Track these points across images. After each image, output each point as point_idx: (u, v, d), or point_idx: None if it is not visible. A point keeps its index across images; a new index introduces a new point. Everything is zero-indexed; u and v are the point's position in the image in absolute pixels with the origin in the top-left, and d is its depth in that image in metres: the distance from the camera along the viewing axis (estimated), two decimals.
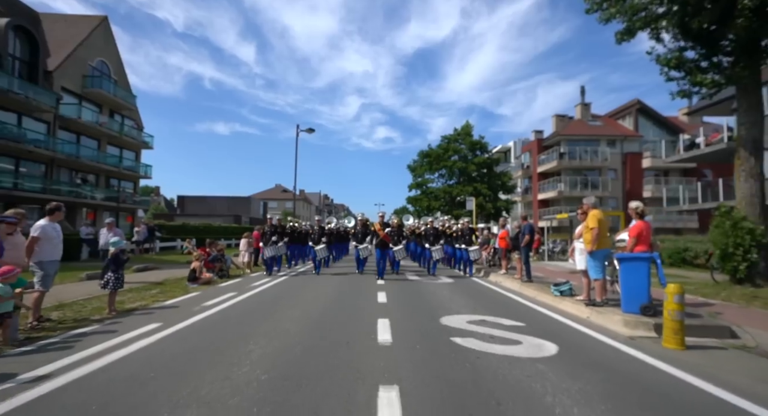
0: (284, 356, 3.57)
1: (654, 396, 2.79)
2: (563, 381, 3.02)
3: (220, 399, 2.62)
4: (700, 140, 18.07)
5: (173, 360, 3.45)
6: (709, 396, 2.81)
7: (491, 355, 3.63)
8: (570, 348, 3.92)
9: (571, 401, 2.64)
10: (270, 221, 10.93)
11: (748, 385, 3.01)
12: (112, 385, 2.87)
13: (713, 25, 7.43)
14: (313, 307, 6.02)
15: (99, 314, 5.48)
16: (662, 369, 3.36)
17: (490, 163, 30.86)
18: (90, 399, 2.60)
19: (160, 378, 2.99)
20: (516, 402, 2.60)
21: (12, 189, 18.54)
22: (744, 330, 4.66)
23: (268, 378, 3.02)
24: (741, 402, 2.68)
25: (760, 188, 7.88)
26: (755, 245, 7.55)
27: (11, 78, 18.20)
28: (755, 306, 6.17)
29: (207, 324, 4.91)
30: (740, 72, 7.29)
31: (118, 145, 26.52)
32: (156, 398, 2.62)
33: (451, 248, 11.68)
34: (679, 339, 3.98)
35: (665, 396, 2.81)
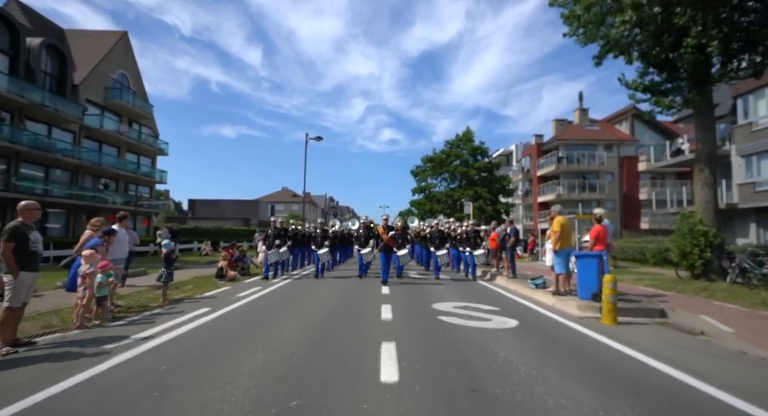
0: (313, 327, 4.84)
1: (576, 352, 3.98)
2: (512, 341, 4.24)
3: (273, 349, 3.88)
4: (684, 147, 19.18)
5: (231, 330, 4.73)
6: (618, 352, 3.97)
7: (466, 327, 4.86)
8: (528, 324, 5.14)
9: (513, 351, 3.86)
10: (273, 224, 10.62)
11: (652, 346, 4.18)
12: (195, 343, 4.15)
13: (671, 55, 8.62)
14: (327, 299, 7.29)
15: (155, 302, 6.76)
16: (590, 336, 4.56)
17: (490, 167, 31.99)
18: (185, 351, 3.87)
19: (225, 341, 4.26)
20: (474, 350, 3.84)
21: (43, 195, 20.05)
22: (673, 312, 5.83)
23: (303, 338, 4.29)
24: (642, 357, 3.77)
25: (713, 196, 9.02)
26: (709, 246, 8.69)
27: (43, 92, 19.75)
28: (700, 296, 7.31)
29: (246, 309, 6.19)
30: (693, 97, 8.47)
31: (136, 152, 28.07)
32: (228, 349, 3.89)
33: (456, 251, 11.50)
34: (613, 317, 5.17)
35: (584, 351, 4.00)
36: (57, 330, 4.74)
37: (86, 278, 4.92)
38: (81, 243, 5.64)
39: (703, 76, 8.31)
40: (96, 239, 5.60)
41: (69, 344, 4.15)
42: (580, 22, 9.24)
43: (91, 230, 5.88)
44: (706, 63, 8.09)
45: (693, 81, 8.40)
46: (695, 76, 8.26)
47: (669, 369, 3.41)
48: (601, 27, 9.20)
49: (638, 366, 3.55)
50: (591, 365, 3.52)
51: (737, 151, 15.88)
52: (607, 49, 9.36)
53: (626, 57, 9.32)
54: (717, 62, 8.60)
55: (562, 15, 9.48)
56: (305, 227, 12.95)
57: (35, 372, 3.25)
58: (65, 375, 3.12)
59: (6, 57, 18.45)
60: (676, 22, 7.60)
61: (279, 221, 11.04)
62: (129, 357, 3.65)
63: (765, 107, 14.77)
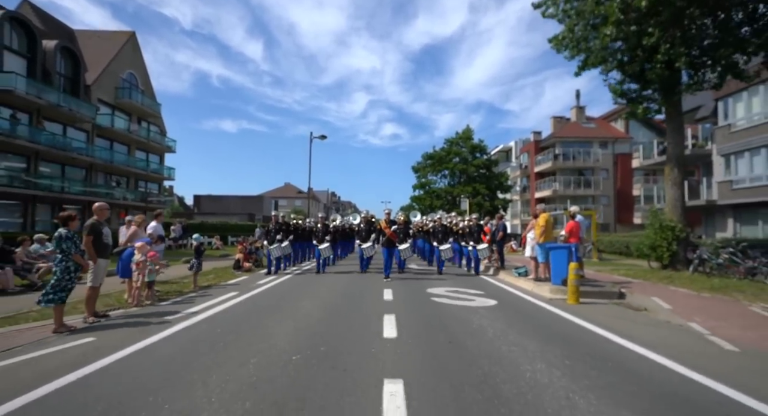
0: (328, 305, 5.90)
1: (536, 321, 5.03)
2: (488, 314, 5.30)
3: (299, 320, 4.94)
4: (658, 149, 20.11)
5: (261, 307, 5.80)
6: (570, 322, 5.03)
7: (452, 305, 5.92)
8: (505, 303, 6.20)
9: (486, 321, 4.92)
10: (275, 219, 10.56)
11: (603, 319, 5.20)
12: (236, 315, 5.22)
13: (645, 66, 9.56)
14: (335, 288, 8.35)
15: (187, 288, 7.82)
16: (552, 311, 5.62)
17: (488, 164, 32.90)
18: (230, 321, 4.94)
19: (259, 314, 5.33)
20: (456, 320, 4.90)
21: (60, 192, 21.11)
22: (631, 294, 6.89)
23: (322, 313, 5.36)
24: (584, 323, 4.87)
25: (681, 195, 10.03)
26: (675, 239, 9.73)
27: (59, 93, 20.67)
28: (661, 283, 8.35)
29: (269, 293, 7.26)
30: (659, 104, 9.43)
31: (145, 149, 29.05)
32: (264, 320, 4.96)
33: (458, 246, 11.38)
34: (576, 297, 6.23)
35: (543, 320, 5.05)
36: (119, 307, 5.81)
37: (140, 266, 5.98)
38: (129, 237, 6.68)
39: (672, 86, 9.26)
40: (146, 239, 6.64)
41: (135, 317, 5.22)
42: (564, 43, 10.20)
43: (135, 225, 6.92)
44: (674, 76, 9.03)
45: (663, 91, 9.36)
46: (665, 86, 9.21)
47: (602, 331, 4.47)
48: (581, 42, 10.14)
49: (578, 328, 4.62)
50: (544, 329, 4.58)
51: (718, 150, 16.82)
52: (588, 61, 10.30)
53: (604, 67, 10.27)
54: (685, 74, 9.55)
55: (549, 40, 10.47)
56: (306, 221, 12.94)
57: (123, 334, 4.31)
58: (146, 336, 4.18)
59: (24, 60, 19.35)
60: (646, 42, 8.54)
61: (281, 216, 10.99)
62: (188, 325, 4.71)
63: (743, 110, 15.67)
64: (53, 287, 4.42)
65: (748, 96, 15.35)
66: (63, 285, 4.50)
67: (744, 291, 6.90)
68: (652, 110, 10.04)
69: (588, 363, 3.38)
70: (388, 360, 3.37)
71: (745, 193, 15.50)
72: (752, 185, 15.18)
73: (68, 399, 2.61)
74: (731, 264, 8.72)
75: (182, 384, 2.85)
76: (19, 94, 17.88)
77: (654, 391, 2.81)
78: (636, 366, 3.38)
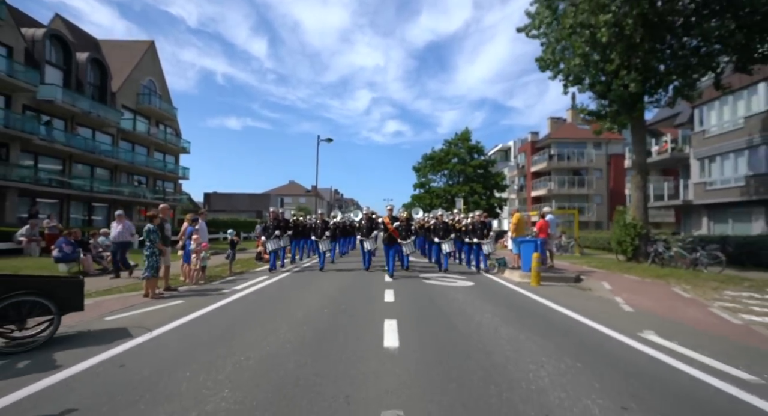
0: (343, 287, 7.60)
1: (503, 296, 6.66)
2: (465, 291, 6.96)
3: (323, 293, 6.64)
4: (654, 149, 21.54)
5: (291, 286, 7.50)
6: (528, 297, 6.64)
7: (439, 285, 7.59)
8: (480, 284, 7.85)
9: (463, 295, 6.58)
10: (273, 214, 10.34)
11: (552, 295, 6.82)
12: (273, 291, 6.93)
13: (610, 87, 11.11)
14: (344, 279, 10.05)
15: (225, 273, 9.53)
16: (516, 290, 7.26)
17: (485, 164, 34.38)
18: (271, 293, 6.64)
19: (292, 290, 7.04)
20: (439, 294, 6.57)
21: (90, 191, 22.99)
22: (586, 279, 8.50)
23: (338, 292, 7.06)
24: (540, 299, 6.44)
25: (643, 197, 11.58)
26: (638, 235, 11.30)
27: (90, 101, 22.51)
28: (619, 272, 9.93)
29: (293, 277, 8.96)
30: (624, 120, 10.99)
31: (162, 151, 30.89)
32: (297, 294, 6.67)
33: (460, 243, 11.20)
34: (537, 280, 7.86)
35: (508, 296, 6.69)
36: (182, 285, 7.54)
37: (196, 254, 7.70)
38: (183, 232, 8.40)
39: (633, 104, 10.80)
40: (191, 228, 8.36)
41: (199, 291, 6.94)
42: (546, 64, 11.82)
43: (187, 221, 8.64)
44: (634, 96, 10.57)
45: (624, 109, 10.90)
46: (625, 105, 10.76)
47: (547, 301, 6.12)
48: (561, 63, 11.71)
49: (529, 299, 6.27)
50: (507, 301, 6.23)
51: (694, 154, 18.24)
52: (568, 82, 11.88)
53: (581, 87, 11.84)
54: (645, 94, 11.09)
55: (536, 60, 12.08)
56: (306, 218, 12.76)
57: (200, 300, 6.02)
58: (216, 301, 5.89)
59: (60, 72, 21.19)
60: (608, 68, 10.11)
61: (281, 211, 10.69)
62: (241, 296, 6.43)
63: (715, 117, 17.07)
64: (148, 265, 6.14)
65: (719, 105, 16.76)
66: (151, 264, 6.22)
67: (679, 277, 8.48)
68: (617, 126, 11.60)
69: (524, 317, 5.04)
70: (387, 310, 5.06)
71: (717, 194, 16.93)
72: (723, 186, 16.62)
73: (186, 332, 4.32)
74: (680, 257, 10.28)
75: (259, 322, 4.55)
76: (58, 104, 19.73)
77: (563, 330, 4.46)
78: (557, 318, 5.03)
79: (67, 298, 3.66)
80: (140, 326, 4.32)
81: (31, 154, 19.74)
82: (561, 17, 11.05)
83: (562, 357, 3.46)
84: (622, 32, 9.60)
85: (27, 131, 18.37)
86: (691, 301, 6.18)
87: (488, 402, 2.52)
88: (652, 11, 9.26)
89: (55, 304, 3.53)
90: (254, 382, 2.84)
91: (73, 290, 3.75)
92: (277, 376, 2.96)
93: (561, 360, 3.39)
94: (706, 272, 9.31)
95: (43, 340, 3.49)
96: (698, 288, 7.23)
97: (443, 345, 3.78)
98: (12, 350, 3.35)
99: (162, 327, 4.33)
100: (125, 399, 2.52)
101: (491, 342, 3.90)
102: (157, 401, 2.52)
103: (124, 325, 4.36)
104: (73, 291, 3.74)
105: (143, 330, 4.17)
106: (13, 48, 18.24)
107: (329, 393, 2.63)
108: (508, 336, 4.11)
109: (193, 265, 7.70)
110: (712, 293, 6.71)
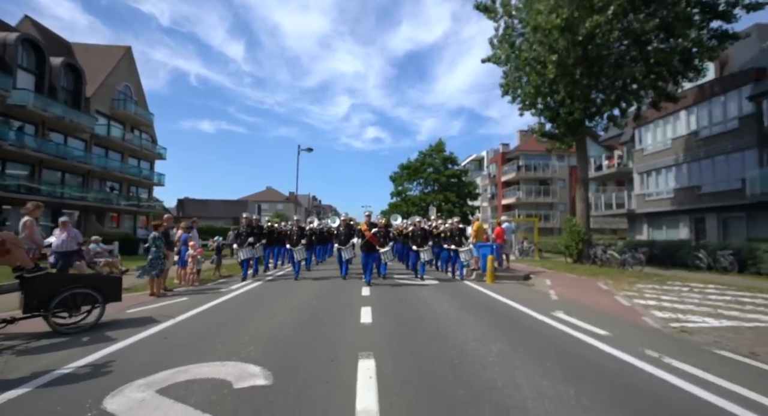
0: (322, 289, 8.66)
1: (460, 292, 7.98)
2: (428, 288, 8.23)
3: (308, 291, 7.70)
4: (605, 163, 24.12)
5: (278, 287, 8.49)
6: (482, 292, 7.99)
7: (407, 284, 8.83)
8: (443, 283, 9.15)
9: (426, 292, 7.84)
10: (247, 220, 10.06)
11: (501, 290, 8.21)
12: (265, 290, 7.90)
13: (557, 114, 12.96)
14: (321, 284, 11.10)
15: (213, 277, 10.30)
16: (473, 286, 8.63)
17: (458, 174, 36.40)
18: (262, 292, 7.62)
19: (283, 289, 8.04)
20: (408, 291, 7.81)
21: (60, 198, 22.64)
22: (533, 277, 10.03)
23: (321, 290, 8.14)
24: (491, 293, 7.79)
25: (586, 207, 13.48)
26: (581, 240, 13.12)
27: (63, 106, 22.30)
28: (563, 271, 11.59)
29: (277, 279, 9.91)
30: (570, 141, 12.90)
31: (137, 157, 30.57)
32: (286, 291, 7.69)
33: (438, 249, 11.17)
34: (492, 278, 9.28)
35: (465, 291, 8.02)
36: (177, 287, 8.34)
37: (192, 258, 8.53)
38: (178, 238, 9.17)
39: (576, 129, 12.69)
40: (185, 235, 9.17)
41: (196, 291, 7.79)
42: (506, 90, 13.58)
43: (182, 229, 9.41)
44: (577, 121, 12.45)
45: (570, 131, 12.78)
46: (570, 129, 12.63)
47: (494, 294, 7.49)
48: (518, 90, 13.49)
49: (484, 295, 7.63)
50: (464, 295, 7.55)
51: (636, 169, 20.76)
52: (524, 106, 13.67)
53: (534, 111, 13.66)
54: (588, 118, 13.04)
55: (500, 85, 13.83)
56: (281, 224, 12.35)
57: (201, 298, 6.91)
58: (216, 298, 6.82)
59: (32, 76, 20.95)
60: (555, 98, 11.92)
61: (255, 217, 10.52)
62: (235, 294, 7.37)
63: (650, 137, 19.65)
64: (150, 265, 6.96)
65: (654, 127, 19.33)
66: (155, 265, 7.04)
67: (607, 275, 10.20)
68: (565, 146, 13.48)
69: (471, 304, 6.36)
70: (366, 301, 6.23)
71: (653, 204, 19.40)
72: (658, 197, 19.09)
73: (203, 318, 5.29)
74: (613, 258, 12.12)
75: (258, 312, 5.58)
76: (29, 109, 19.56)
77: (498, 312, 5.80)
78: (497, 305, 6.39)
79: (110, 291, 4.57)
80: (161, 315, 5.24)
81: None
82: (518, 51, 12.84)
83: (490, 327, 4.77)
84: (565, 69, 11.43)
85: None
86: (606, 292, 7.76)
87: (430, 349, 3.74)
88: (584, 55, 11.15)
89: (102, 295, 4.44)
90: (269, 343, 3.94)
91: (115, 284, 4.66)
92: (284, 339, 4.08)
93: (489, 328, 4.70)
94: (631, 270, 11.15)
95: (92, 323, 4.39)
96: (618, 283, 8.89)
97: (407, 321, 4.99)
98: (71, 330, 4.24)
99: (180, 315, 5.27)
100: (179, 355, 3.52)
101: (441, 320, 5.16)
102: (204, 353, 3.56)
103: (148, 315, 5.25)
104: (114, 286, 4.65)
105: (166, 317, 5.10)
106: None
107: (322, 347, 3.77)
108: (456, 317, 5.39)
109: (189, 268, 8.52)
110: (626, 286, 8.36)
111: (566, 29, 10.58)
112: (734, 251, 11.00)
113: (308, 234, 11.00)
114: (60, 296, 4.12)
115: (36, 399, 2.65)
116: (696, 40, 10.89)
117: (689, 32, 10.57)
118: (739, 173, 14.79)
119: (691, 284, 8.89)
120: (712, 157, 16.10)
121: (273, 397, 2.64)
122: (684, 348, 3.98)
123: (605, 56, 11.37)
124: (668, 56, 10.88)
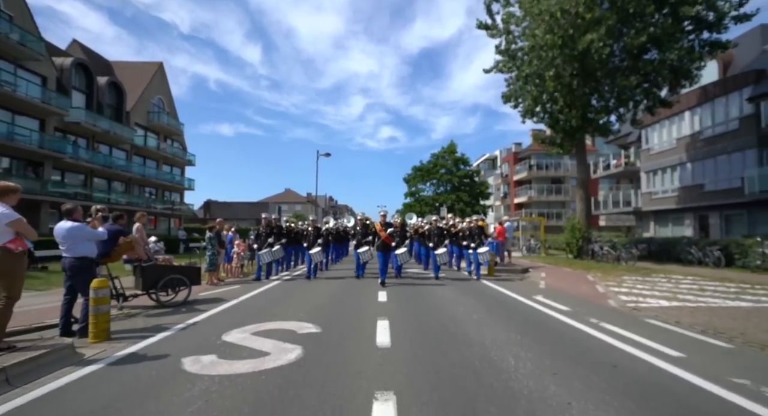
0: (340, 288, 10.17)
1: (466, 285, 9.32)
2: (439, 283, 9.59)
3: (326, 293, 9.23)
4: (612, 163, 24.71)
5: (288, 290, 10.06)
6: (484, 284, 9.29)
7: (417, 274, 10.23)
8: (449, 277, 10.48)
9: (437, 287, 9.22)
10: (266, 221, 10.14)
11: (500, 282, 9.47)
12: (293, 285, 9.49)
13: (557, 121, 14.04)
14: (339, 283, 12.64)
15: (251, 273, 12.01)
16: (473, 278, 9.94)
17: (470, 174, 37.38)
18: (292, 286, 9.21)
19: (304, 286, 9.61)
20: (421, 285, 9.22)
21: (108, 203, 25.18)
22: (530, 271, 11.22)
23: (339, 290, 9.65)
24: (490, 283, 9.08)
25: (585, 207, 14.48)
26: (582, 237, 14.16)
27: (109, 121, 24.83)
28: (562, 266, 12.70)
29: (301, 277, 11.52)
30: (568, 147, 13.95)
31: (170, 164, 33.15)
32: (310, 288, 9.25)
33: (457, 248, 11.09)
34: (492, 272, 10.56)
35: (470, 284, 9.35)
36: (226, 278, 10.02)
37: (237, 255, 10.22)
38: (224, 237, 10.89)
39: (575, 134, 13.74)
40: (231, 235, 10.87)
41: (240, 282, 9.45)
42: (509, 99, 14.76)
43: (227, 230, 11.13)
44: (575, 128, 13.49)
45: (568, 137, 13.84)
46: (569, 134, 13.70)
47: (492, 284, 8.80)
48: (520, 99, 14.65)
49: (483, 285, 8.95)
50: (465, 285, 8.89)
51: (642, 168, 21.36)
52: (526, 114, 14.81)
53: (536, 118, 14.78)
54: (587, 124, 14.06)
55: (502, 95, 15.02)
56: (298, 224, 12.45)
57: (250, 286, 8.54)
58: (260, 286, 8.43)
59: (83, 95, 23.53)
60: (554, 107, 13.05)
61: (273, 218, 10.62)
62: (274, 285, 8.98)
63: (656, 138, 20.23)
64: (209, 261, 8.64)
65: (660, 127, 19.92)
66: (212, 261, 8.72)
67: (599, 269, 11.28)
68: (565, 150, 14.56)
69: (469, 292, 7.71)
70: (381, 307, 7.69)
71: (659, 202, 19.99)
72: (663, 196, 19.69)
73: (258, 298, 6.88)
74: (609, 254, 13.12)
75: (297, 295, 7.13)
76: (82, 125, 22.07)
77: (489, 296, 7.15)
78: (491, 292, 7.72)
79: (194, 277, 6.24)
80: (226, 296, 6.86)
81: (59, 170, 21.97)
82: (519, 64, 14.00)
83: (481, 308, 6.13)
84: (563, 81, 12.53)
85: (57, 150, 20.65)
86: (591, 282, 8.92)
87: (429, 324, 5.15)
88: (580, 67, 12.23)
89: (189, 280, 6.10)
90: (317, 311, 5.50)
91: (197, 273, 6.33)
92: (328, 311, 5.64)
93: (479, 309, 6.06)
94: (624, 265, 12.14)
95: (182, 300, 6.07)
96: (607, 275, 9.99)
97: (417, 305, 6.42)
98: (171, 304, 5.92)
99: (240, 297, 6.88)
100: (255, 318, 5.07)
101: (446, 303, 6.55)
102: (270, 317, 5.12)
103: (216, 297, 6.89)
104: (197, 274, 6.32)
105: (231, 297, 6.72)
106: (47, 77, 20.58)
107: (353, 314, 5.25)
108: (454, 300, 6.76)
109: (234, 263, 10.22)
110: (611, 278, 9.47)
111: (564, 46, 11.69)
112: (721, 247, 11.82)
113: (324, 234, 10.93)
114: (163, 279, 5.78)
115: (179, 337, 4.25)
116: (687, 51, 11.77)
117: (676, 46, 11.48)
118: (739, 172, 15.39)
119: (673, 276, 9.90)
120: (715, 156, 16.69)
121: (324, 338, 4.14)
122: (623, 319, 5.23)
123: (601, 68, 12.41)
124: (658, 68, 11.83)
